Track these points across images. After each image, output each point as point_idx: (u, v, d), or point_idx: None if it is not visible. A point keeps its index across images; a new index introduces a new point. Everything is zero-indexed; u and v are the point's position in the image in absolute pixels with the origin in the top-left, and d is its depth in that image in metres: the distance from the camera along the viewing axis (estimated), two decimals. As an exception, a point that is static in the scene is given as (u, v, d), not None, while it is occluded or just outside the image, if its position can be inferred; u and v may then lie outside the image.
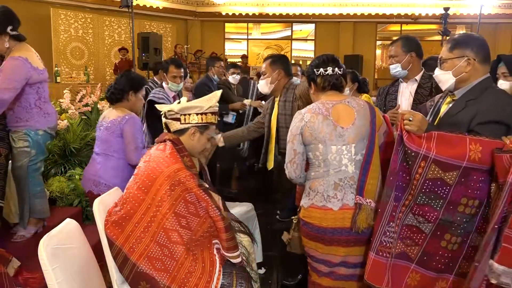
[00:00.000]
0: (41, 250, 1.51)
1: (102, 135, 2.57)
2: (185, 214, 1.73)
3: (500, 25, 11.55)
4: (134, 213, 1.73)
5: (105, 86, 8.05)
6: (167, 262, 1.68)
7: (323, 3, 11.91)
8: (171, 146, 1.82)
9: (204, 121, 1.89)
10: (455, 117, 1.78)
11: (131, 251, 1.70)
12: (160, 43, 7.49)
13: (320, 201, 1.85)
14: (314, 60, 2.04)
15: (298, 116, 1.93)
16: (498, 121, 1.67)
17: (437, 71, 1.87)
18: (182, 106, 1.86)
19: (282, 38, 13.19)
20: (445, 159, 1.62)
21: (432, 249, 1.73)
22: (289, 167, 1.92)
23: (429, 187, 1.66)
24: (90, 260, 1.82)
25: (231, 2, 11.99)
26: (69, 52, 9.44)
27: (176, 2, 11.57)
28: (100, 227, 1.86)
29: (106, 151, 2.55)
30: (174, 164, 1.75)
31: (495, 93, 1.76)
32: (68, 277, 1.56)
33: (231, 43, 13.10)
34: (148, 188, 1.73)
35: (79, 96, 4.98)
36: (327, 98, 1.95)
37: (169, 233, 1.69)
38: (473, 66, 1.75)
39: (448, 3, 10.41)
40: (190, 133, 1.89)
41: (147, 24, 10.48)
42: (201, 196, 1.74)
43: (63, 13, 9.27)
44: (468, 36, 1.83)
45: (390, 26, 12.74)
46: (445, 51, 1.83)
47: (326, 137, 1.84)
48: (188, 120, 1.87)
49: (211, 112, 1.90)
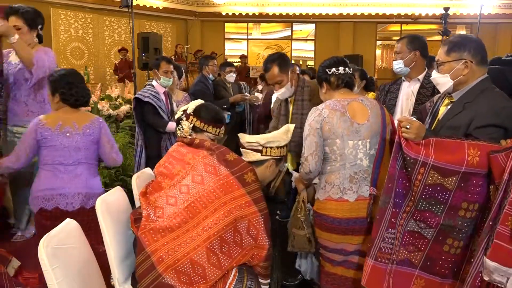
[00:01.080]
0: (41, 250, 1.51)
1: (79, 143, 2.36)
2: (230, 241, 1.72)
3: (500, 25, 11.56)
4: (178, 227, 1.71)
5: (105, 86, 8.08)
6: (194, 278, 1.66)
7: (323, 3, 11.91)
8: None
9: (281, 154, 1.97)
10: (453, 120, 1.79)
11: (160, 261, 1.66)
12: (160, 43, 7.50)
13: (337, 194, 1.95)
14: (324, 62, 2.13)
15: (315, 111, 2.01)
16: (495, 125, 1.68)
17: (435, 73, 1.87)
18: (268, 139, 1.94)
19: (282, 38, 13.19)
20: (444, 165, 1.63)
21: (435, 254, 1.73)
22: (310, 159, 1.97)
23: (429, 193, 1.67)
24: (90, 260, 1.81)
25: (231, 2, 12.00)
26: (69, 52, 9.45)
27: (176, 2, 11.57)
28: (102, 227, 1.87)
29: (88, 160, 2.42)
30: (235, 191, 1.75)
31: (492, 95, 1.76)
32: (68, 277, 1.56)
33: (231, 43, 13.10)
34: (201, 209, 1.72)
35: (79, 96, 4.97)
36: (341, 96, 2.05)
37: (210, 254, 1.67)
38: (470, 68, 1.76)
39: (448, 3, 10.41)
40: (268, 165, 1.95)
41: (147, 24, 10.48)
42: (253, 224, 1.73)
43: (63, 13, 9.28)
44: (464, 38, 1.82)
45: (390, 26, 12.74)
46: (442, 54, 1.83)
47: (344, 133, 1.94)
48: (269, 153, 1.94)
49: (285, 145, 1.99)
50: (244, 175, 1.77)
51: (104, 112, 4.84)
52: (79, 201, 2.33)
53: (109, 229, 1.88)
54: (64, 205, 2.31)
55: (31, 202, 2.33)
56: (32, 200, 2.32)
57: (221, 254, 1.70)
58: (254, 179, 1.78)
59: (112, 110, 4.99)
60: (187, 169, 1.84)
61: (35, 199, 2.30)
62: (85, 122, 2.39)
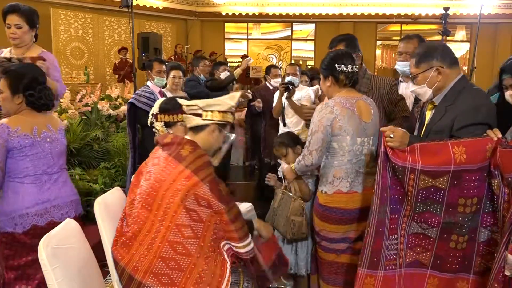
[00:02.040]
0: (41, 250, 1.51)
1: (61, 147, 2.21)
2: (188, 223, 1.69)
3: (500, 25, 11.55)
4: (139, 232, 1.71)
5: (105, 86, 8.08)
6: (173, 275, 1.66)
7: (323, 3, 11.90)
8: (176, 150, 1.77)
9: (224, 119, 1.87)
10: (438, 124, 1.83)
11: (135, 270, 1.67)
12: (160, 43, 7.49)
13: (346, 187, 2.06)
14: (331, 53, 2.13)
15: (326, 108, 2.05)
16: (476, 123, 1.72)
17: (412, 86, 1.92)
18: (208, 102, 1.86)
19: (282, 38, 13.18)
20: (432, 168, 1.67)
21: (443, 252, 1.76)
22: (314, 154, 2.07)
23: (424, 196, 1.71)
24: (90, 260, 1.81)
25: (231, 2, 11.99)
26: (69, 52, 9.44)
27: (176, 2, 11.56)
28: (100, 227, 1.86)
29: (65, 165, 2.27)
30: (174, 169, 1.72)
31: (471, 94, 1.80)
32: (68, 277, 1.56)
33: (231, 43, 13.09)
34: (150, 204, 1.72)
35: (79, 96, 4.98)
36: (348, 94, 2.09)
37: (174, 245, 1.67)
38: (443, 73, 1.81)
39: (448, 3, 10.40)
40: (210, 130, 1.85)
41: (147, 24, 10.48)
42: (200, 195, 1.69)
43: (63, 13, 9.27)
44: (428, 47, 1.87)
45: (390, 26, 12.73)
46: (412, 67, 1.88)
47: (354, 130, 2.03)
48: (210, 117, 1.84)
49: (231, 111, 1.89)
50: (180, 151, 1.75)
51: (104, 112, 4.84)
52: (73, 209, 2.20)
53: (107, 230, 1.88)
54: (59, 217, 2.10)
55: (11, 222, 2.01)
56: (16, 219, 2.00)
57: (185, 239, 1.68)
58: (191, 150, 1.74)
59: (112, 110, 4.99)
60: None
61: (22, 217, 2.01)
62: (58, 125, 2.22)
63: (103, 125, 4.59)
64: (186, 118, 1.87)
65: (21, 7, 2.65)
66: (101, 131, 4.28)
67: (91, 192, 3.45)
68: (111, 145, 4.20)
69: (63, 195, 2.16)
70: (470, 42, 12.02)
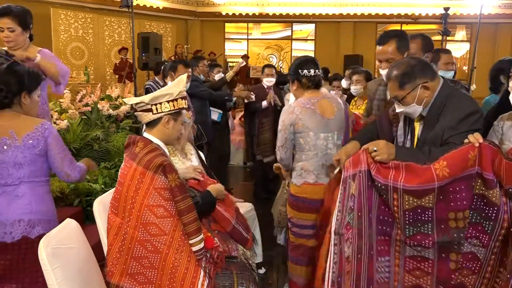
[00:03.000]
0: (41, 250, 1.51)
1: (20, 158, 1.87)
2: (154, 220, 1.68)
3: (500, 25, 11.54)
4: (108, 236, 1.75)
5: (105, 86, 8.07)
6: (148, 273, 1.67)
7: (323, 3, 11.90)
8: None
9: (176, 107, 1.84)
10: (431, 135, 1.79)
11: (110, 275, 1.71)
12: (160, 43, 7.49)
13: (312, 179, 2.28)
14: (296, 60, 2.39)
15: (289, 109, 2.31)
16: (466, 131, 1.67)
17: (400, 107, 1.82)
18: (154, 96, 1.83)
19: (282, 38, 13.18)
20: (415, 187, 1.60)
21: (444, 274, 1.65)
22: (281, 150, 2.34)
23: (411, 217, 1.64)
24: (90, 260, 1.82)
25: (231, 2, 11.98)
26: (69, 52, 9.44)
27: (176, 2, 11.56)
28: (100, 227, 1.86)
29: (33, 177, 1.92)
30: (130, 168, 1.74)
31: (457, 101, 1.77)
32: (68, 277, 1.56)
33: (231, 43, 13.08)
34: (116, 208, 1.75)
35: (79, 96, 4.97)
36: (310, 94, 2.32)
37: (144, 243, 1.68)
38: (430, 87, 1.76)
39: (448, 3, 10.40)
40: (164, 122, 1.84)
41: (147, 24, 10.47)
42: (157, 189, 1.69)
43: (63, 13, 9.27)
44: (406, 66, 1.78)
45: (390, 26, 12.72)
46: (396, 90, 1.78)
47: (316, 126, 2.25)
48: (160, 109, 1.82)
49: (181, 97, 1.86)
50: (135, 149, 1.78)
51: (104, 112, 4.84)
52: (20, 230, 1.85)
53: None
54: (1, 236, 1.83)
55: None
56: None
57: (152, 236, 1.68)
58: (142, 147, 1.77)
59: (112, 110, 4.98)
60: None
61: None
62: (28, 130, 1.90)
63: (103, 125, 4.58)
64: (139, 116, 1.88)
65: (13, 9, 2.55)
66: (101, 131, 4.27)
67: (91, 192, 3.45)
68: (111, 145, 4.20)
69: (9, 211, 1.86)
70: (470, 42, 12.02)
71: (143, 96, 1.88)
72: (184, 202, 1.71)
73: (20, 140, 1.88)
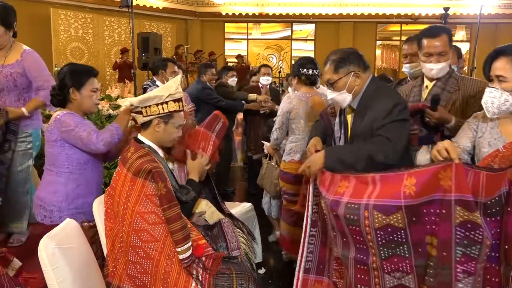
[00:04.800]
0: (41, 250, 1.51)
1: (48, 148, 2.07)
2: (145, 227, 1.67)
3: (500, 25, 11.55)
4: (108, 238, 1.77)
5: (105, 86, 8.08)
6: (142, 278, 1.68)
7: (323, 3, 11.90)
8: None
9: (166, 110, 1.80)
10: (360, 127, 1.86)
11: (112, 276, 1.72)
12: (160, 43, 7.50)
13: (298, 157, 2.76)
14: (299, 60, 2.89)
15: (287, 99, 2.85)
16: (393, 121, 1.73)
17: (331, 93, 1.91)
18: (141, 99, 1.80)
19: (282, 38, 13.19)
20: (381, 202, 1.50)
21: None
22: (278, 131, 2.89)
23: (383, 237, 1.51)
24: (90, 260, 1.81)
25: (231, 2, 11.99)
26: (69, 52, 9.44)
27: (176, 2, 11.57)
28: (100, 227, 1.86)
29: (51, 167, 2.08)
30: (122, 174, 1.74)
31: (384, 94, 1.84)
32: (68, 277, 1.56)
33: (231, 43, 13.09)
34: (110, 212, 1.76)
35: (79, 96, 4.97)
36: (307, 90, 2.83)
37: (136, 249, 1.68)
38: (360, 77, 1.87)
39: (448, 3, 10.40)
40: (154, 125, 1.82)
41: (147, 24, 10.48)
42: (148, 195, 1.68)
43: (63, 13, 9.27)
44: (343, 53, 1.90)
45: (390, 26, 12.73)
46: (330, 73, 1.89)
47: (306, 116, 2.76)
48: (149, 112, 1.80)
49: (172, 100, 1.81)
50: (127, 153, 1.78)
51: (104, 112, 4.84)
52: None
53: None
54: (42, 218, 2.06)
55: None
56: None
57: (144, 243, 1.67)
58: (133, 151, 1.76)
59: (112, 110, 4.99)
60: None
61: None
62: (50, 121, 2.08)
63: (103, 125, 4.59)
64: (135, 117, 1.88)
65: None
66: (101, 131, 4.28)
67: (91, 192, 3.45)
68: (111, 145, 4.21)
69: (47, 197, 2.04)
70: (470, 42, 12.03)
71: (133, 97, 1.88)
72: (171, 210, 1.68)
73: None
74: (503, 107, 1.61)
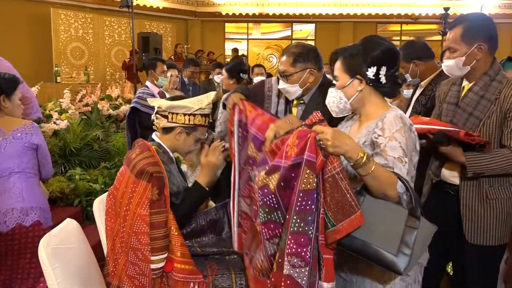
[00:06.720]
0: (41, 250, 1.51)
1: (9, 148, 2.03)
2: (146, 230, 1.66)
3: (500, 25, 11.47)
4: (107, 239, 1.77)
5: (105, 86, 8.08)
6: (141, 279, 1.67)
7: (323, 3, 11.91)
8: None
9: (191, 122, 1.81)
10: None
11: (112, 275, 1.71)
12: (160, 43, 7.51)
13: None
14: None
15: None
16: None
17: (283, 84, 1.98)
18: (171, 104, 1.80)
19: (282, 38, 13.19)
20: (273, 162, 1.35)
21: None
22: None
23: (260, 198, 1.36)
24: (90, 260, 1.82)
25: (231, 2, 11.99)
26: (69, 52, 9.44)
27: (176, 2, 11.57)
28: (100, 227, 1.87)
29: (22, 169, 2.07)
30: (125, 176, 1.73)
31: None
32: (68, 277, 1.56)
33: (231, 43, 13.08)
34: (112, 212, 1.76)
35: (79, 96, 4.99)
36: None
37: (135, 251, 1.67)
38: (315, 75, 1.96)
39: (448, 3, 10.41)
40: (176, 133, 1.82)
41: (147, 24, 10.47)
42: (143, 196, 1.66)
43: (63, 13, 9.27)
44: (304, 48, 1.97)
45: (390, 26, 12.73)
46: (287, 65, 1.95)
47: None
48: (175, 119, 1.79)
49: (200, 114, 1.81)
50: (132, 154, 1.75)
51: (104, 112, 4.84)
52: (14, 219, 1.98)
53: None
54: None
55: None
56: None
57: (143, 246, 1.66)
58: (138, 153, 1.72)
59: (112, 110, 4.99)
60: None
61: None
62: (17, 125, 2.08)
63: (103, 125, 4.59)
64: (158, 118, 1.85)
65: None
66: (101, 131, 4.28)
67: (91, 192, 3.45)
68: (111, 145, 4.21)
69: (2, 202, 1.98)
70: (470, 42, 12.02)
71: (163, 100, 1.86)
72: (157, 216, 1.66)
73: (8, 133, 2.03)
74: (340, 105, 1.56)
